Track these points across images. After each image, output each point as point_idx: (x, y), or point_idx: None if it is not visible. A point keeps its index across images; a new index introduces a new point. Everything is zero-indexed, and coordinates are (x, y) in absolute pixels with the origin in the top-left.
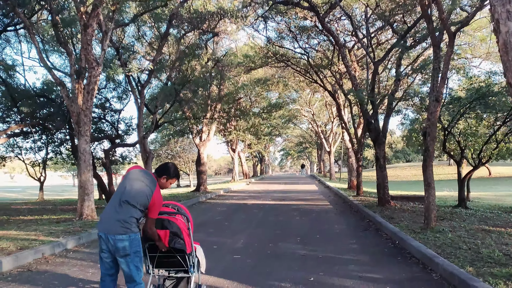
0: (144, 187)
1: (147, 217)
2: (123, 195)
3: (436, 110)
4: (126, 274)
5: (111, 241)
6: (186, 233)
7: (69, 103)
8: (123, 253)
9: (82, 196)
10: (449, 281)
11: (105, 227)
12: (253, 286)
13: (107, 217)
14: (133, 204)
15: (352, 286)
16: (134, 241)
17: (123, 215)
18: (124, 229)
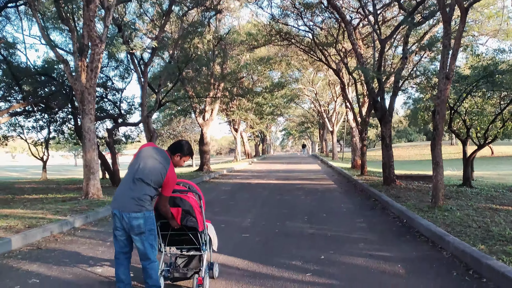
0: (157, 165)
1: (161, 195)
2: (137, 172)
3: (446, 88)
4: (141, 252)
5: (125, 219)
6: (198, 211)
7: (72, 81)
8: (138, 231)
9: (87, 175)
10: (461, 259)
11: (120, 204)
12: (264, 264)
13: (121, 195)
14: (147, 182)
15: (363, 264)
16: (148, 219)
17: (137, 193)
18: (138, 207)
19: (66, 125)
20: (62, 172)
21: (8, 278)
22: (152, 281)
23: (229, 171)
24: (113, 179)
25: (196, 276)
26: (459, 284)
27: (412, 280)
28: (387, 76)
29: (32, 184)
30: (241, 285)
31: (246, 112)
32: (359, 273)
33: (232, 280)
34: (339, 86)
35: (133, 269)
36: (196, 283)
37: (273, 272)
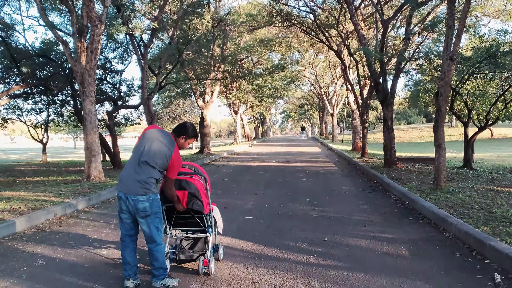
0: (163, 148)
1: (166, 178)
2: (142, 155)
3: (450, 69)
4: (147, 235)
5: (131, 201)
6: (203, 194)
7: (72, 63)
8: (144, 214)
9: (89, 157)
10: (464, 241)
11: (125, 187)
12: (269, 246)
13: (126, 178)
14: (152, 165)
15: (366, 246)
16: (154, 201)
17: (143, 176)
18: (144, 189)
19: (65, 108)
20: (62, 155)
21: (14, 260)
22: (159, 263)
23: (230, 154)
24: (114, 161)
25: (202, 258)
26: (463, 265)
27: (415, 262)
28: (389, 58)
29: (33, 167)
30: (246, 267)
31: (246, 95)
32: (363, 254)
33: (237, 262)
34: (339, 68)
35: (139, 252)
36: (202, 265)
37: (278, 254)
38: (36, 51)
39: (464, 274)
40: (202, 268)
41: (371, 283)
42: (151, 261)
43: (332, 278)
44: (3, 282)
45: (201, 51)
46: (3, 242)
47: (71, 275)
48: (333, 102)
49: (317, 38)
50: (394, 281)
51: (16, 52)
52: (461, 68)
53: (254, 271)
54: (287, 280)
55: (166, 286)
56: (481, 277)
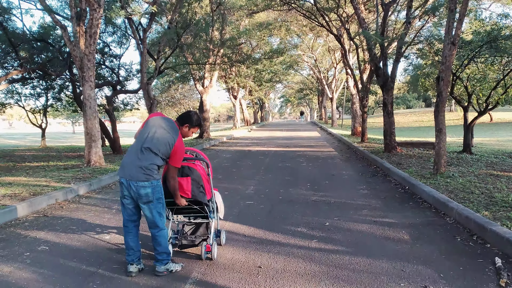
0: (166, 135)
1: (169, 166)
2: (145, 142)
3: (452, 54)
4: (149, 220)
5: (133, 187)
6: (206, 179)
7: (71, 48)
8: (146, 200)
9: (89, 143)
10: (464, 225)
11: (127, 173)
12: (270, 231)
13: (128, 164)
14: (154, 152)
15: (368, 230)
16: (156, 187)
17: (145, 162)
18: (146, 176)
19: (64, 93)
20: (60, 140)
21: (17, 245)
22: (162, 247)
23: (229, 139)
24: (113, 146)
25: (204, 244)
26: (463, 249)
27: (416, 246)
28: (389, 42)
29: (32, 152)
30: (248, 251)
31: (245, 79)
32: (364, 239)
33: (239, 246)
34: (339, 53)
35: (142, 237)
36: (204, 250)
37: (279, 238)
38: (34, 36)
39: (465, 258)
40: (205, 253)
41: (373, 267)
42: (154, 246)
43: (334, 262)
44: (8, 267)
45: (200, 35)
46: (5, 228)
47: (74, 260)
48: (333, 87)
49: (317, 22)
50: (396, 265)
51: (14, 37)
52: (461, 53)
53: (256, 255)
54: (290, 265)
55: (169, 270)
56: (482, 261)
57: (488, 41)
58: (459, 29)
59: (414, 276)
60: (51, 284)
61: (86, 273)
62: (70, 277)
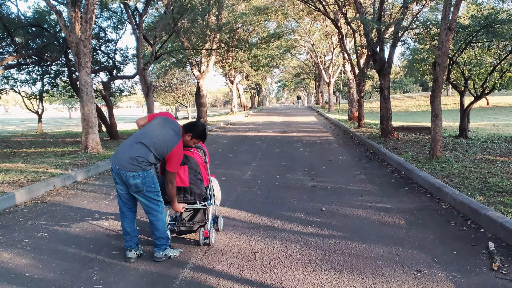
0: (167, 137)
1: (166, 171)
2: (144, 137)
3: (448, 39)
4: (144, 207)
5: (123, 176)
6: (203, 167)
7: (67, 33)
8: (136, 190)
9: (86, 129)
10: (459, 210)
11: (118, 161)
12: (267, 217)
13: (121, 153)
14: (150, 149)
15: (364, 215)
16: (146, 177)
17: (136, 154)
18: (134, 166)
19: (60, 78)
20: (57, 125)
21: (16, 232)
22: (160, 232)
23: (226, 124)
24: (110, 132)
25: (202, 229)
26: (458, 234)
27: (412, 231)
28: (386, 27)
29: (29, 138)
30: (245, 237)
31: (242, 64)
32: (360, 224)
33: (237, 232)
34: (336, 37)
35: (140, 223)
36: (202, 236)
37: (276, 224)
38: (29, 21)
39: (459, 242)
40: (203, 239)
41: (368, 252)
42: (152, 231)
43: (330, 247)
44: (7, 254)
45: (197, 20)
46: (4, 214)
47: (73, 247)
48: (330, 71)
49: (314, 7)
50: (391, 250)
51: (8, 22)
52: (458, 37)
53: (254, 241)
54: (286, 250)
55: (167, 256)
56: (476, 246)
57: (485, 25)
58: (455, 14)
59: (409, 260)
60: (51, 270)
61: (86, 259)
62: (70, 263)
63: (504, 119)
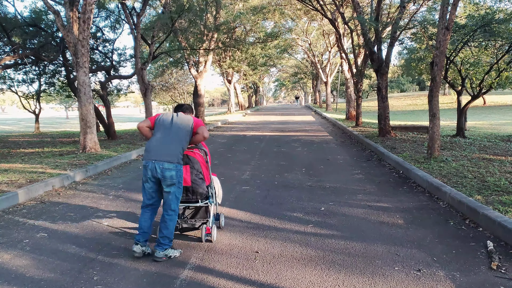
0: (184, 120)
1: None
2: (168, 132)
3: (446, 39)
4: (167, 203)
5: (158, 170)
6: (204, 166)
7: (65, 33)
8: (170, 182)
9: (84, 129)
10: (457, 210)
11: (154, 155)
12: (266, 216)
13: (156, 148)
14: (180, 138)
15: (362, 215)
16: (179, 171)
17: (171, 146)
18: (171, 157)
19: (57, 78)
20: (54, 125)
21: (16, 232)
22: (168, 232)
23: (224, 123)
24: (108, 132)
25: (204, 226)
26: (456, 233)
27: (410, 230)
28: (383, 26)
29: (26, 138)
30: (245, 236)
31: (240, 63)
32: (359, 224)
33: (236, 232)
34: (333, 36)
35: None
36: (204, 232)
37: (276, 223)
38: (26, 21)
39: (457, 241)
40: (205, 236)
41: (368, 251)
42: (161, 229)
43: (329, 247)
44: (7, 254)
45: (194, 19)
46: (3, 215)
47: (73, 247)
48: (327, 71)
49: (311, 6)
50: (390, 249)
51: (5, 22)
52: (455, 37)
53: (253, 241)
54: (286, 250)
55: (168, 256)
56: (474, 245)
57: (482, 25)
58: (453, 14)
59: (408, 259)
60: (51, 270)
61: (86, 259)
62: (70, 263)
63: (501, 118)
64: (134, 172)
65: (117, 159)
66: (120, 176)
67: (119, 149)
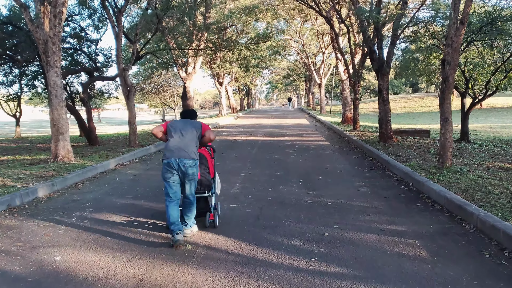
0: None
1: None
2: (182, 135)
3: (460, 34)
4: (189, 193)
5: (182, 167)
6: (210, 162)
7: (33, 29)
8: (192, 177)
9: (56, 135)
10: (490, 236)
11: (177, 155)
12: (259, 246)
13: (177, 148)
14: (194, 140)
15: (375, 243)
16: (197, 168)
17: (190, 146)
18: (192, 154)
19: (38, 80)
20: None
21: None
22: (192, 214)
23: (214, 127)
24: (89, 137)
25: (208, 213)
26: (497, 271)
27: (438, 266)
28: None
29: (4, 143)
30: (232, 277)
31: (231, 65)
32: (373, 256)
33: (221, 269)
34: (327, 37)
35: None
36: (208, 218)
37: (270, 257)
38: (2, 19)
39: (502, 284)
40: (209, 222)
41: None
42: (186, 213)
43: None
44: None
45: (183, 19)
46: None
47: None
48: (321, 72)
49: (306, 3)
50: None
51: None
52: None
53: (242, 283)
54: None
55: (192, 231)
56: None
57: (489, 22)
58: (468, 6)
59: None
60: None
61: None
62: None
63: (500, 121)
64: (109, 185)
65: (92, 170)
66: (91, 191)
67: (97, 158)
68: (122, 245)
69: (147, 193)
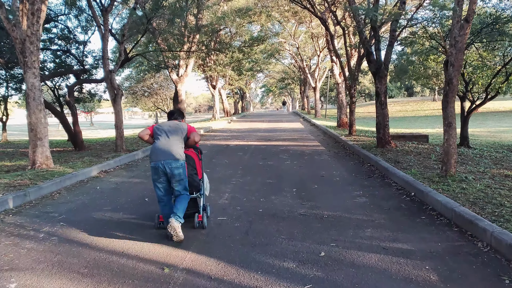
0: (179, 126)
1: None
2: (169, 132)
3: (465, 33)
4: (180, 190)
5: (167, 168)
6: (198, 163)
7: (10, 27)
8: (179, 178)
9: (33, 141)
10: (507, 257)
11: (163, 157)
12: (247, 269)
13: (162, 151)
14: (179, 141)
15: (378, 265)
16: (183, 168)
17: (175, 147)
18: (178, 156)
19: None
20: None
21: None
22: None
23: (207, 131)
24: (74, 142)
25: (197, 214)
26: None
27: None
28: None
29: None
30: None
31: (224, 68)
32: (377, 282)
33: None
34: (322, 39)
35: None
36: (197, 220)
37: (259, 283)
38: None
39: None
40: (197, 223)
41: None
42: (178, 207)
43: None
44: None
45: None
46: None
47: None
48: (316, 76)
49: (301, 5)
50: None
51: None
52: None
53: None
54: None
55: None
56: None
57: (490, 23)
58: (474, 3)
59: None
60: None
61: None
62: None
63: (497, 125)
64: (88, 194)
65: (72, 177)
66: (67, 202)
67: (79, 164)
68: (90, 268)
69: (128, 204)
